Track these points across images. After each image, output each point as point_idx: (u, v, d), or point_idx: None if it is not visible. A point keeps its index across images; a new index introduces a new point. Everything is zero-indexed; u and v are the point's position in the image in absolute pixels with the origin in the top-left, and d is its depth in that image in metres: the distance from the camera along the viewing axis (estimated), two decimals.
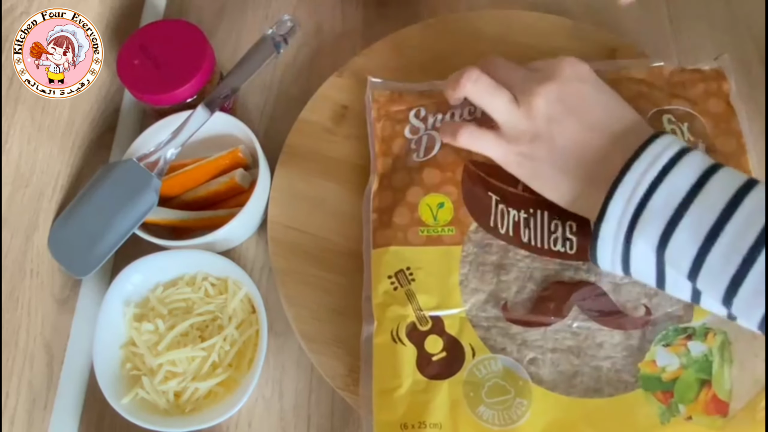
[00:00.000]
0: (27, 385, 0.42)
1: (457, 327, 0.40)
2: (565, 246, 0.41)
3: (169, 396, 0.43)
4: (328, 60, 0.56)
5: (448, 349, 0.39)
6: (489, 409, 0.38)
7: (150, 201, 0.45)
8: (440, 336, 0.40)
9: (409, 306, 0.40)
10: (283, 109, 0.55)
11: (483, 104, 0.41)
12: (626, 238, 0.35)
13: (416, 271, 0.41)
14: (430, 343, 0.40)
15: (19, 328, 0.42)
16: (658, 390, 0.38)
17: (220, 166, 0.48)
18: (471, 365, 0.39)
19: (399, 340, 0.40)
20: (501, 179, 0.43)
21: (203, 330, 0.45)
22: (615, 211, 0.35)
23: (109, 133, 0.53)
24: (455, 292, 0.41)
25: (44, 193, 0.45)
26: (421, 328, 0.40)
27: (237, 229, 0.47)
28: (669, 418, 0.37)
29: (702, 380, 0.38)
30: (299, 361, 0.46)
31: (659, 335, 0.39)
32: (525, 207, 0.43)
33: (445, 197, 0.43)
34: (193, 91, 0.48)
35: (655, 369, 0.38)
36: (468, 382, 0.39)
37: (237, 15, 0.59)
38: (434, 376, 0.39)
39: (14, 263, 0.42)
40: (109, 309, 0.45)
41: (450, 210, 0.43)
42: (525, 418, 0.37)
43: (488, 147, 0.41)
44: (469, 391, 0.38)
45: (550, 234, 0.42)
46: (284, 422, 0.45)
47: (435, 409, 0.38)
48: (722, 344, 0.38)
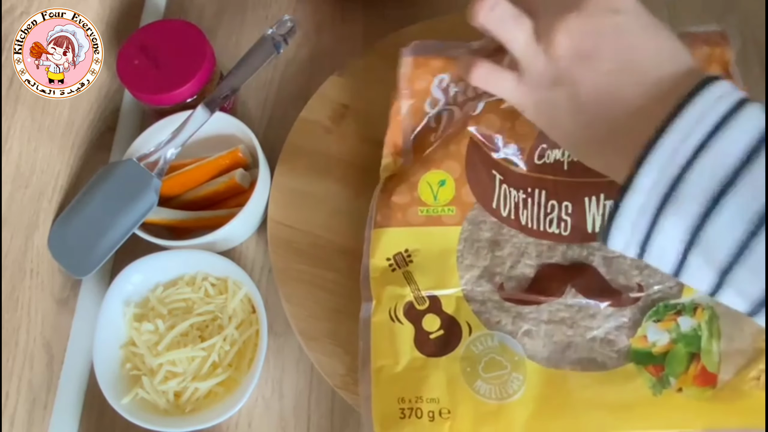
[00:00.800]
0: (27, 385, 0.42)
1: (454, 306, 0.40)
2: (560, 227, 0.42)
3: (169, 396, 0.43)
4: (328, 60, 0.56)
5: (446, 327, 0.40)
6: (486, 383, 0.38)
7: (150, 201, 0.45)
8: (437, 315, 0.40)
9: (407, 287, 0.41)
10: (283, 109, 0.55)
11: (500, 36, 0.35)
12: (653, 217, 0.29)
13: (414, 253, 0.41)
14: (427, 321, 0.40)
15: (19, 328, 0.42)
16: (649, 364, 0.39)
17: (220, 166, 0.48)
18: (468, 342, 0.39)
19: (397, 319, 0.40)
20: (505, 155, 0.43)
21: (203, 330, 0.45)
22: (645, 182, 0.28)
23: (109, 133, 0.53)
24: (453, 272, 0.41)
25: (44, 193, 0.45)
26: (418, 308, 0.40)
27: (237, 229, 0.47)
28: (660, 390, 0.38)
29: (691, 354, 0.38)
30: (299, 361, 0.46)
31: (650, 312, 0.40)
32: (524, 186, 0.43)
33: (446, 174, 0.42)
34: (193, 91, 0.48)
35: (646, 344, 0.39)
36: (465, 358, 0.39)
37: (237, 15, 0.59)
38: (432, 353, 0.39)
39: (14, 263, 0.42)
40: (109, 309, 0.45)
41: (452, 188, 0.42)
42: (521, 392, 0.38)
43: (503, 88, 0.36)
44: (466, 366, 0.39)
45: (546, 215, 0.42)
46: (284, 422, 0.45)
47: (432, 384, 0.38)
48: (710, 319, 0.39)
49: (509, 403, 0.38)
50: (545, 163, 0.43)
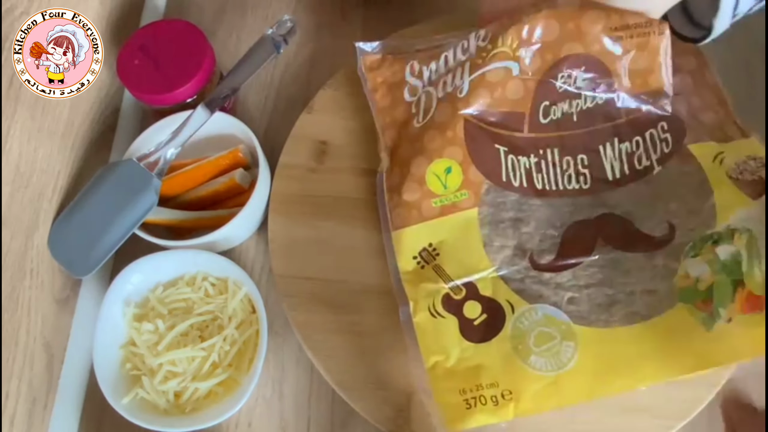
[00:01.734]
0: (27, 385, 0.42)
1: (491, 287, 0.40)
2: (579, 181, 0.42)
3: (169, 396, 0.43)
4: (328, 60, 0.56)
5: (487, 310, 0.39)
6: (539, 357, 0.38)
7: (150, 201, 0.45)
8: (477, 300, 0.40)
9: (440, 280, 0.40)
10: (283, 109, 0.55)
11: None
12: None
13: (439, 245, 0.41)
14: (468, 309, 0.40)
15: (19, 328, 0.42)
16: (697, 299, 0.38)
17: (220, 166, 0.48)
18: (513, 320, 0.39)
19: (438, 314, 0.40)
20: (504, 126, 0.42)
21: (203, 330, 0.45)
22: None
23: (109, 133, 0.53)
24: (481, 255, 0.41)
25: (44, 193, 0.45)
26: (456, 297, 0.40)
27: (237, 229, 0.47)
28: (712, 325, 0.37)
29: (735, 281, 0.37)
30: (299, 361, 0.46)
31: (687, 248, 0.39)
32: (535, 150, 0.42)
33: (450, 161, 0.42)
34: (193, 91, 0.48)
35: (689, 281, 0.39)
36: (514, 336, 0.39)
37: (237, 15, 0.59)
38: (480, 339, 0.39)
39: (14, 263, 0.42)
40: (109, 309, 0.45)
41: (459, 173, 0.42)
42: (575, 359, 0.38)
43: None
44: (516, 344, 0.38)
45: (563, 173, 0.42)
46: (284, 422, 0.45)
47: (488, 369, 0.38)
48: (749, 242, 0.38)
49: (567, 372, 0.38)
50: (552, 120, 0.43)
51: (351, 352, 0.43)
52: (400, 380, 0.41)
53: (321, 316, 0.44)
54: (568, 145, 0.42)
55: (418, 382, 0.39)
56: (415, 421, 0.40)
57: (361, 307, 0.44)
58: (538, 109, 0.43)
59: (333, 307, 0.44)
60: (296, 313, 0.44)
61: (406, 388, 0.41)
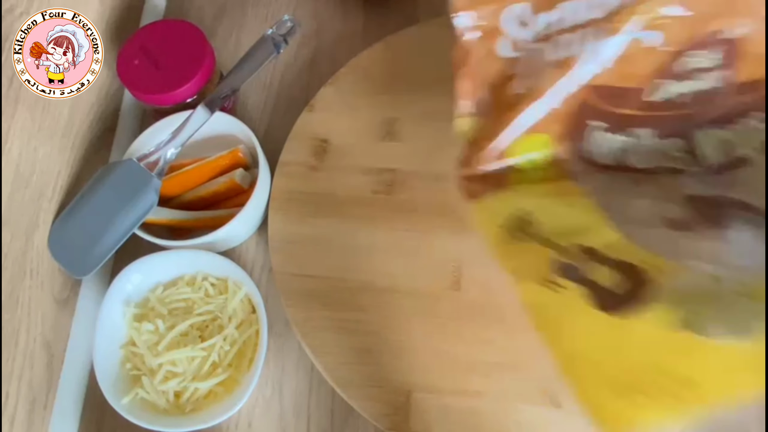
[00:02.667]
0: (27, 385, 0.42)
1: (617, 248, 0.31)
2: (677, 164, 0.36)
3: (169, 396, 0.43)
4: (328, 60, 0.56)
5: (621, 270, 0.30)
6: (716, 325, 0.28)
7: (150, 201, 0.45)
8: (602, 263, 0.31)
9: (546, 247, 0.33)
10: (283, 109, 0.55)
11: None
12: None
13: (532, 212, 0.35)
14: (596, 272, 0.31)
15: (19, 328, 0.42)
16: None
17: (220, 166, 0.48)
18: (664, 284, 0.29)
19: (555, 284, 0.31)
20: (613, 101, 0.36)
21: (203, 330, 0.45)
22: None
23: (109, 133, 0.53)
24: (589, 214, 0.34)
25: (44, 193, 0.45)
26: (573, 263, 0.31)
27: (237, 229, 0.47)
28: None
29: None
30: (299, 361, 0.46)
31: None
32: (639, 128, 0.36)
33: (545, 136, 0.37)
34: (193, 91, 0.48)
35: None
36: (673, 301, 0.28)
37: (237, 15, 0.59)
38: (624, 309, 0.29)
39: (14, 263, 0.42)
40: (109, 309, 0.45)
41: (549, 149, 0.37)
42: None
43: None
44: (680, 313, 0.28)
45: (664, 154, 0.36)
46: (284, 422, 0.45)
47: (643, 347, 0.29)
48: None
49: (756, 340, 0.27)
50: (664, 99, 0.37)
51: (350, 350, 0.43)
52: (399, 378, 0.41)
53: (320, 314, 0.44)
54: (665, 124, 0.36)
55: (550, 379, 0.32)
56: (413, 419, 0.40)
57: (361, 305, 0.44)
58: (656, 87, 0.37)
59: (332, 305, 0.44)
60: (295, 310, 0.44)
61: (404, 386, 0.41)
